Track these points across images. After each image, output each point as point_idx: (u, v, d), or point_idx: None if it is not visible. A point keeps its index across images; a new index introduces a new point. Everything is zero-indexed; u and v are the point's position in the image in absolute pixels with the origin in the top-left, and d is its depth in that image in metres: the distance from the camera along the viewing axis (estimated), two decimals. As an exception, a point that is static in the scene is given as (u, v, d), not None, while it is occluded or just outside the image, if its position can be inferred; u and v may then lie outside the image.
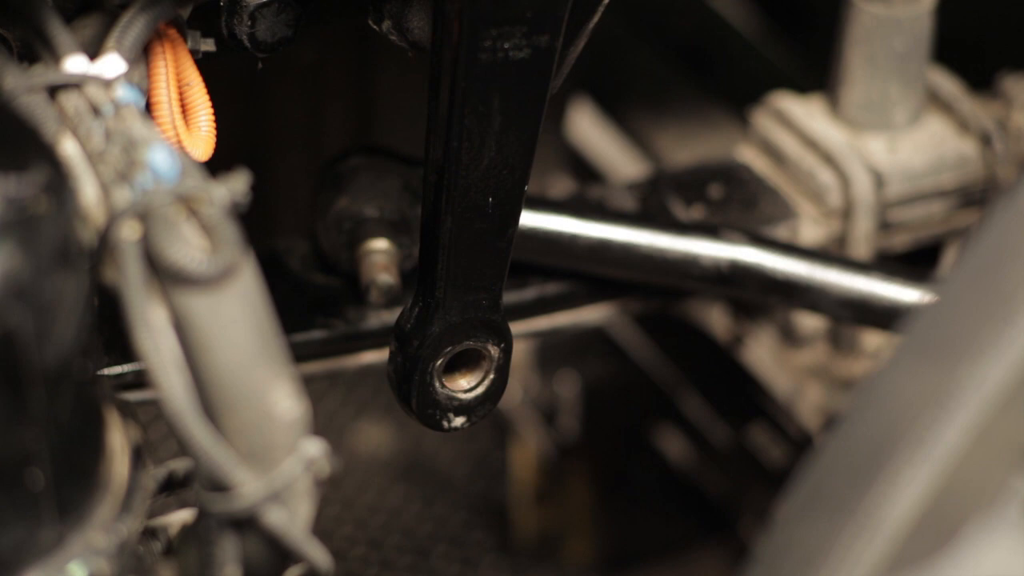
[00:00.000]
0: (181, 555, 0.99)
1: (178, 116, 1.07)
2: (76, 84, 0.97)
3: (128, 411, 0.97)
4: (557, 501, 1.95)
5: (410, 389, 1.20)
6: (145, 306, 0.87)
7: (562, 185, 1.89)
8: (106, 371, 0.98)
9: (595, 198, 1.53)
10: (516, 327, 1.25)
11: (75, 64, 0.98)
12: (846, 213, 1.48)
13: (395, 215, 1.35)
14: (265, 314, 0.89)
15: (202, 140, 1.08)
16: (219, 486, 0.89)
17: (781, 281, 1.39)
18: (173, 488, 1.04)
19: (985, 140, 1.51)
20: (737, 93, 1.81)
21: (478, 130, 1.09)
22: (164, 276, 0.87)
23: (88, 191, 0.91)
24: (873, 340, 1.59)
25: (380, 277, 1.34)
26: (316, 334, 1.36)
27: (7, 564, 0.88)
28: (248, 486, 0.89)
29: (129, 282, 0.87)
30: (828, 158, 1.49)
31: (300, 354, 1.34)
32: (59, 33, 1.00)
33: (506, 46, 1.05)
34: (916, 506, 0.77)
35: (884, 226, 1.49)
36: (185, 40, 1.09)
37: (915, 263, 1.52)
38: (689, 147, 1.92)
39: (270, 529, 0.90)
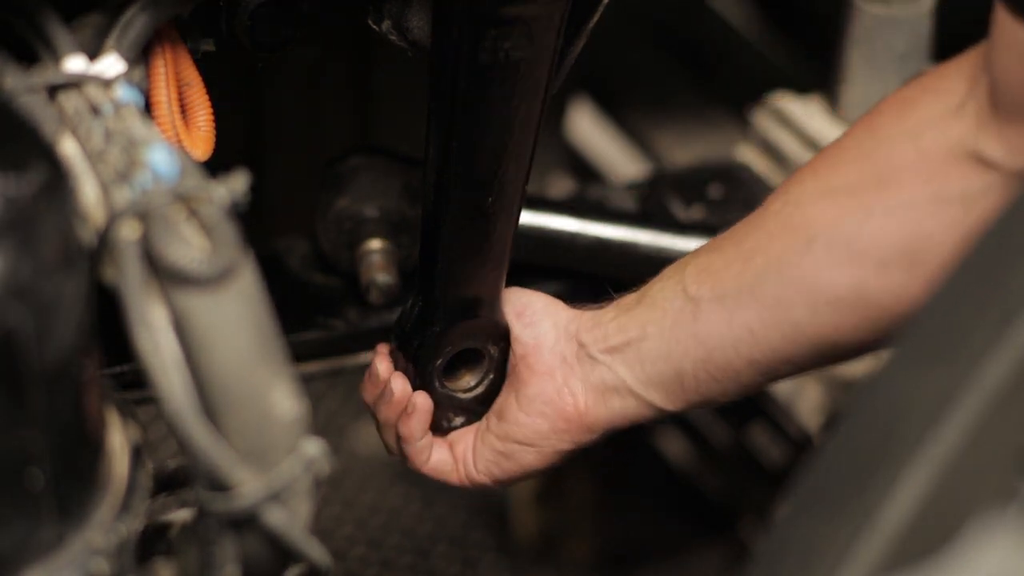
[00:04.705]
0: (181, 555, 0.99)
1: (178, 116, 1.07)
2: (76, 84, 0.97)
3: (128, 411, 0.97)
4: (557, 501, 1.95)
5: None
6: (145, 306, 0.87)
7: (562, 185, 1.89)
8: (106, 371, 0.98)
9: (595, 198, 1.53)
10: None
11: (75, 64, 0.98)
12: (846, 213, 1.48)
13: (395, 215, 1.35)
14: (265, 314, 0.89)
15: (202, 140, 1.08)
16: (219, 486, 0.89)
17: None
18: (173, 488, 1.04)
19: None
20: (737, 93, 1.81)
21: (478, 130, 1.09)
22: (164, 276, 0.87)
23: (88, 191, 0.91)
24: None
25: (380, 277, 1.34)
26: (316, 334, 1.37)
27: (7, 564, 0.88)
28: (248, 486, 0.89)
29: (129, 282, 0.87)
30: (828, 158, 1.49)
31: (300, 354, 1.34)
32: (59, 33, 1.00)
33: (506, 46, 1.05)
34: (915, 506, 0.77)
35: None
36: (185, 40, 1.09)
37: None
38: (689, 147, 1.92)
39: (270, 529, 0.90)
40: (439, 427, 1.22)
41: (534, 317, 1.18)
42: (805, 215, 1.07)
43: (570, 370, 1.16)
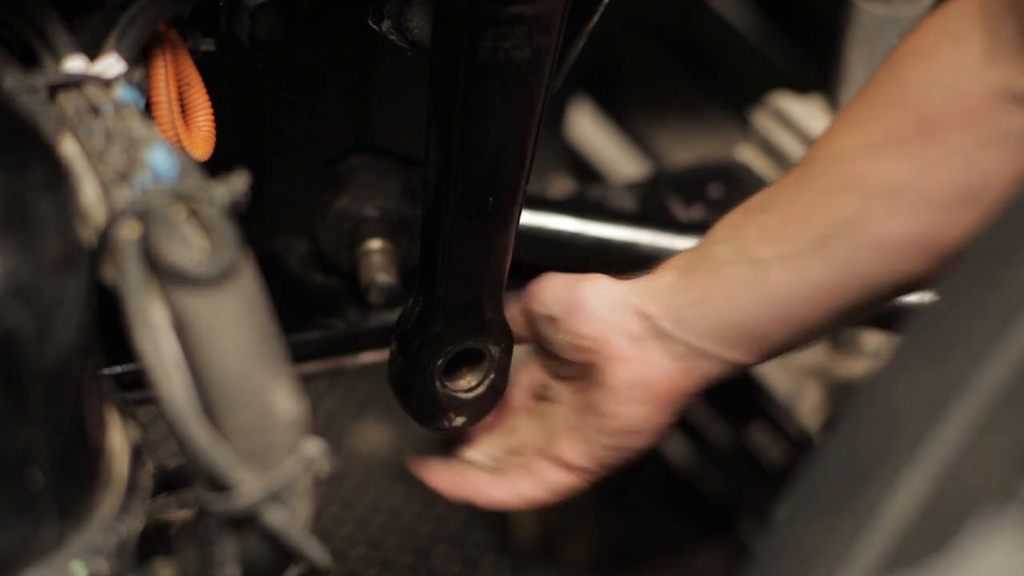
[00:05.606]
0: (181, 555, 0.99)
1: (178, 116, 1.07)
2: (76, 84, 0.97)
3: (128, 411, 0.97)
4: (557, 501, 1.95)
5: (410, 389, 1.20)
6: (145, 306, 0.87)
7: (562, 185, 1.89)
8: (106, 371, 0.98)
9: (595, 198, 1.53)
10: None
11: (75, 64, 0.98)
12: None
13: (395, 215, 1.35)
14: (265, 314, 0.89)
15: (202, 140, 1.09)
16: (219, 486, 0.89)
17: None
18: (173, 488, 1.04)
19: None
20: (737, 93, 1.82)
21: (478, 130, 1.09)
22: (164, 276, 0.87)
23: (88, 191, 0.91)
24: (873, 340, 1.59)
25: (380, 277, 1.34)
26: (316, 334, 1.37)
27: (7, 564, 0.88)
28: (248, 486, 0.89)
29: (129, 282, 0.87)
30: (828, 158, 1.49)
31: (300, 354, 1.34)
32: (59, 33, 1.00)
33: (506, 46, 1.05)
34: (915, 506, 0.77)
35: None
36: (185, 40, 1.09)
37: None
38: (689, 147, 1.92)
39: (270, 529, 0.90)
40: (440, 427, 1.22)
41: (585, 308, 1.17)
42: (855, 171, 1.08)
43: (646, 346, 1.15)
